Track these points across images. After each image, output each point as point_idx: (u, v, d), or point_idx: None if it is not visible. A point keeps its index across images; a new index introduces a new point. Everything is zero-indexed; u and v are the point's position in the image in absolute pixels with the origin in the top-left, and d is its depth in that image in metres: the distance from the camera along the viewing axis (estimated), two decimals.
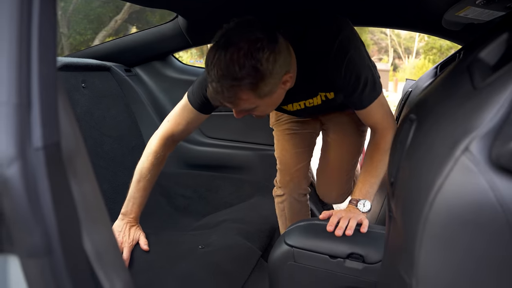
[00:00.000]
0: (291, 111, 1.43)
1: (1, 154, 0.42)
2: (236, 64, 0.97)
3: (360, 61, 1.20)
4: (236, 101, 1.05)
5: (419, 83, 1.83)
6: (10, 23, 0.46)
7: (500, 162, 0.44)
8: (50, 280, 0.46)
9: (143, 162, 1.32)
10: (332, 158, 1.66)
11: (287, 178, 1.63)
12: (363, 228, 1.14)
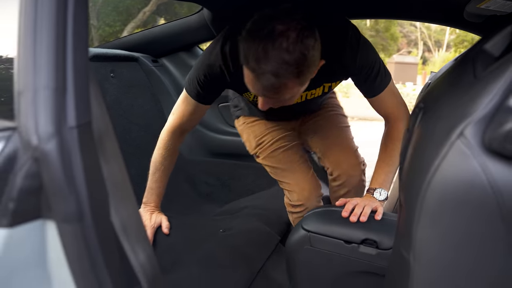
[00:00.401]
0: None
1: (41, 131, 0.48)
2: (287, 53, 0.95)
3: (371, 49, 1.23)
4: (282, 90, 1.02)
5: (438, 74, 1.83)
6: (49, 16, 0.52)
7: (492, 146, 0.47)
8: (81, 243, 0.52)
9: (155, 156, 1.37)
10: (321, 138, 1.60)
11: (306, 194, 1.48)
12: (377, 216, 1.17)
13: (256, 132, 1.57)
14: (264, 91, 1.03)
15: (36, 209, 0.51)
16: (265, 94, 1.05)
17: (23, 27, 0.52)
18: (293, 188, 1.50)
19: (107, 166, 0.63)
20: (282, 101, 1.12)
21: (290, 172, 1.52)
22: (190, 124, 1.39)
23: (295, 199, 1.49)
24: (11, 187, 0.49)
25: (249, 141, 1.59)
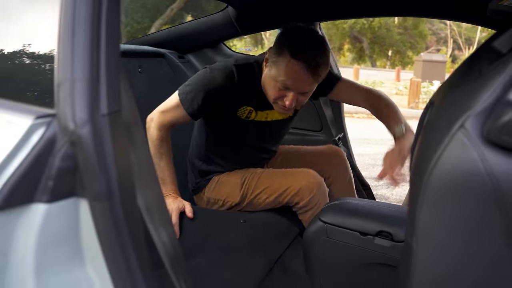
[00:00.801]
0: (252, 121, 1.52)
1: (77, 118, 0.54)
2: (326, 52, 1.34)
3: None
4: (318, 78, 1.33)
5: None
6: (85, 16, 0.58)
7: (490, 137, 0.51)
8: (109, 220, 0.57)
9: (151, 149, 1.44)
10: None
11: (311, 179, 1.49)
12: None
13: (235, 177, 1.60)
14: (310, 73, 1.29)
15: (71, 187, 0.57)
16: (304, 78, 1.31)
17: (63, 26, 0.58)
18: (297, 183, 1.48)
19: (134, 152, 0.69)
20: (305, 94, 1.39)
21: (284, 177, 1.53)
22: (177, 124, 1.49)
23: (306, 193, 1.46)
24: (50, 167, 0.55)
25: (231, 190, 1.58)
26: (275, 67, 1.34)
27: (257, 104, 1.49)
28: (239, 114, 1.50)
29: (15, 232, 0.56)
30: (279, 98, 1.39)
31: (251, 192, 1.55)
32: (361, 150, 5.01)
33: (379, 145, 5.36)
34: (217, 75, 1.42)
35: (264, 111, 1.52)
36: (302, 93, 1.37)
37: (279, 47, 1.33)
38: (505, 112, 0.50)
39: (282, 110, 1.44)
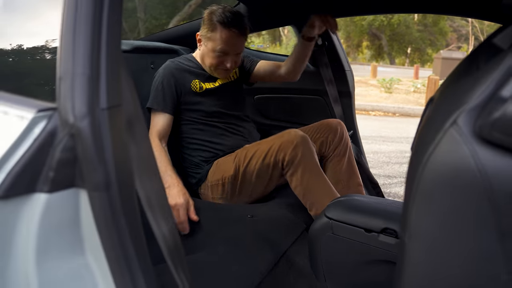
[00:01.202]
0: (205, 90, 1.77)
1: (77, 111, 0.56)
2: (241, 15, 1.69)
3: None
4: (246, 36, 1.69)
5: None
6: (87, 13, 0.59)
7: (482, 133, 0.51)
8: (108, 210, 0.59)
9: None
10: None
11: (292, 133, 1.56)
12: None
13: (229, 156, 1.70)
14: (238, 34, 1.65)
15: (71, 178, 0.59)
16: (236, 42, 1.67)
17: (65, 22, 0.60)
18: (279, 140, 1.54)
19: (136, 145, 0.70)
20: (239, 54, 1.73)
21: (268, 140, 1.61)
22: (165, 127, 1.71)
23: (288, 146, 1.50)
24: (51, 158, 0.57)
25: (226, 167, 1.67)
26: (211, 41, 1.68)
27: (200, 77, 1.79)
28: (193, 88, 1.76)
29: (18, 220, 0.59)
30: (219, 65, 1.71)
31: (243, 162, 1.61)
32: (377, 148, 4.97)
33: (395, 143, 5.31)
34: (160, 73, 1.76)
35: (210, 82, 1.80)
36: (237, 54, 1.72)
37: (210, 25, 1.67)
38: (497, 108, 0.50)
39: (223, 74, 1.78)
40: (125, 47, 1.87)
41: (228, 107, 1.82)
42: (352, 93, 2.11)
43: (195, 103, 1.76)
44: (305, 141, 1.51)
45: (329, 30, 1.74)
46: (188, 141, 1.79)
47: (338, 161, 1.79)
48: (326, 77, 2.04)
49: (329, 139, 1.78)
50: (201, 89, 1.78)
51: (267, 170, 1.57)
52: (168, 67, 1.77)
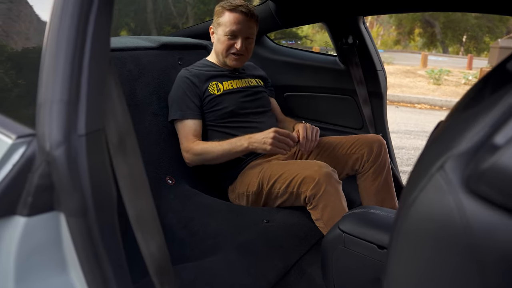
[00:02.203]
0: (223, 93, 1.77)
1: (52, 139, 0.57)
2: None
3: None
4: (254, 19, 1.72)
5: None
6: (68, 35, 0.59)
7: (469, 184, 0.46)
8: (85, 235, 0.60)
9: (199, 149, 1.67)
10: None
11: (316, 168, 1.50)
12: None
13: (256, 168, 1.70)
14: (245, 15, 1.68)
15: (50, 203, 0.60)
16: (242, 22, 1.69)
17: (48, 49, 0.60)
18: (303, 172, 1.49)
19: (127, 162, 0.70)
20: (250, 39, 1.75)
21: (294, 166, 1.57)
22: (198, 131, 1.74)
23: (310, 181, 1.45)
24: (29, 184, 0.58)
25: (251, 180, 1.67)
26: (220, 27, 1.73)
27: (218, 78, 1.80)
28: (211, 90, 1.76)
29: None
30: (230, 48, 1.74)
31: (267, 181, 1.59)
32: (419, 143, 4.78)
33: None
34: (178, 83, 1.78)
35: (228, 81, 1.81)
36: (247, 37, 1.73)
37: (219, 13, 1.74)
38: (487, 158, 0.45)
39: (235, 60, 1.77)
40: (151, 44, 1.89)
41: (249, 106, 1.81)
42: (384, 94, 2.02)
43: (215, 105, 1.77)
44: (328, 177, 1.45)
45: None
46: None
47: (373, 180, 1.71)
48: (356, 77, 1.97)
49: (365, 156, 1.70)
50: (219, 91, 1.77)
51: (289, 198, 1.55)
52: (182, 76, 1.79)
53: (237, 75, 1.85)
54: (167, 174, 1.73)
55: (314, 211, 1.49)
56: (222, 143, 1.62)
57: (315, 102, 2.23)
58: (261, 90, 1.90)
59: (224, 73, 1.82)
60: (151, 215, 0.75)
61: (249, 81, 1.89)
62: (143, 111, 1.74)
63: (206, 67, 1.83)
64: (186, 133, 1.71)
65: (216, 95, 1.76)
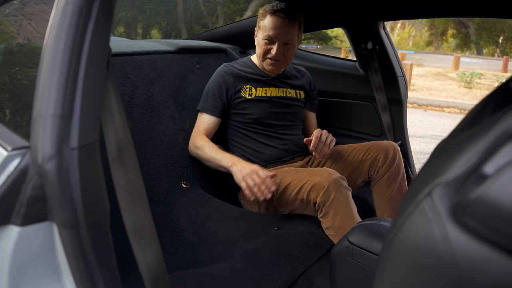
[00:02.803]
0: (255, 98, 1.77)
1: (44, 153, 0.58)
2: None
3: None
4: (294, 25, 1.68)
5: None
6: (64, 48, 0.60)
7: (455, 214, 0.44)
8: (76, 246, 0.61)
9: (201, 156, 1.70)
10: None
11: (326, 175, 1.48)
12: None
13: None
14: (283, 19, 1.65)
15: (43, 213, 0.61)
16: (283, 28, 1.66)
17: (44, 64, 0.61)
18: (312, 179, 1.48)
19: (125, 173, 0.71)
20: (288, 45, 1.70)
21: (304, 173, 1.55)
22: (210, 128, 1.76)
23: (319, 188, 1.43)
24: (23, 195, 0.60)
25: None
26: (261, 30, 1.71)
27: (254, 82, 1.79)
28: (243, 93, 1.77)
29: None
30: (267, 53, 1.72)
31: (278, 188, 1.57)
32: None
33: None
34: (213, 78, 1.80)
35: (263, 88, 1.79)
36: (285, 43, 1.69)
37: (262, 16, 1.72)
38: (474, 188, 0.43)
39: (271, 65, 1.74)
40: (169, 48, 1.90)
41: (276, 118, 1.80)
42: (404, 101, 1.98)
43: (242, 108, 1.77)
44: (337, 184, 1.43)
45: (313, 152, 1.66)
46: (232, 144, 1.82)
47: (387, 186, 1.68)
48: (375, 83, 1.94)
49: (379, 162, 1.68)
50: (251, 95, 1.77)
51: (300, 205, 1.54)
52: (220, 71, 1.80)
53: (275, 83, 1.83)
54: (182, 178, 1.75)
55: (325, 219, 1.47)
56: (218, 150, 1.62)
57: (334, 108, 2.20)
58: (296, 103, 1.87)
59: (261, 79, 1.81)
60: (148, 226, 0.76)
61: (287, 91, 1.85)
62: (160, 115, 1.75)
63: (247, 68, 1.83)
64: (199, 125, 1.76)
65: (246, 99, 1.76)
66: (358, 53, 1.98)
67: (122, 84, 1.63)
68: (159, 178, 1.67)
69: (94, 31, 0.63)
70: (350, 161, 1.75)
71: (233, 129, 1.81)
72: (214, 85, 1.77)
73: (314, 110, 2.02)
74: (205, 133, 1.73)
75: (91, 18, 0.63)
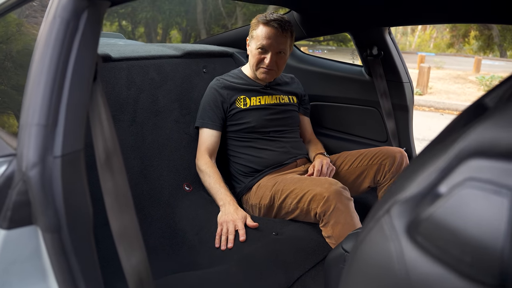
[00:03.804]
0: (250, 108, 1.80)
1: (28, 160, 0.61)
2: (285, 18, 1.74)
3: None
4: (287, 34, 1.70)
5: None
6: (51, 59, 0.63)
7: (410, 232, 0.44)
8: (58, 249, 0.64)
9: (204, 180, 1.72)
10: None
11: (326, 185, 1.49)
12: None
13: (270, 181, 1.72)
14: (276, 29, 1.68)
15: (28, 217, 0.64)
16: (276, 35, 1.69)
17: (32, 75, 0.64)
18: (314, 189, 1.50)
19: (113, 179, 0.74)
20: (281, 54, 1.73)
21: (306, 183, 1.57)
22: (213, 144, 1.79)
23: (320, 198, 1.45)
24: (9, 199, 0.63)
25: (264, 192, 1.70)
26: (254, 40, 1.75)
27: (247, 92, 1.83)
28: (238, 104, 1.81)
29: None
30: (260, 62, 1.75)
31: (279, 196, 1.61)
32: None
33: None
34: (207, 93, 1.85)
35: (257, 97, 1.83)
36: (278, 52, 1.73)
37: (254, 26, 1.76)
38: (427, 207, 0.44)
39: (264, 74, 1.77)
40: (176, 52, 1.93)
41: (273, 124, 1.83)
42: (410, 107, 1.97)
43: (238, 118, 1.80)
44: (338, 195, 1.44)
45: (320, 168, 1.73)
46: (231, 153, 1.86)
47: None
48: (379, 89, 1.94)
49: (386, 167, 1.70)
50: (245, 105, 1.81)
51: (300, 214, 1.57)
52: (213, 86, 1.84)
53: (268, 91, 1.86)
54: (185, 181, 1.77)
55: (325, 228, 1.48)
56: (216, 182, 1.67)
57: (339, 113, 2.20)
58: (291, 108, 1.91)
59: (254, 88, 1.84)
60: (133, 231, 0.79)
61: (280, 97, 1.89)
62: (165, 118, 1.79)
63: (238, 79, 1.86)
64: (200, 144, 1.79)
65: (241, 109, 1.80)
66: (363, 59, 1.98)
67: (127, 88, 1.66)
68: (162, 180, 1.71)
69: (81, 43, 0.66)
70: (356, 166, 1.77)
71: (231, 139, 1.84)
72: (209, 100, 1.81)
73: (308, 114, 2.07)
74: (209, 152, 1.76)
75: (78, 30, 0.66)
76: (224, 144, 1.86)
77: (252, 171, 1.78)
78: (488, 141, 0.43)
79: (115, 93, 1.63)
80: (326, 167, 1.70)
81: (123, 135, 1.63)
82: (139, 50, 1.84)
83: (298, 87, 2.01)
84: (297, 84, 2.02)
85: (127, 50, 1.80)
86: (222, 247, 1.45)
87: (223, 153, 1.87)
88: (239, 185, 1.82)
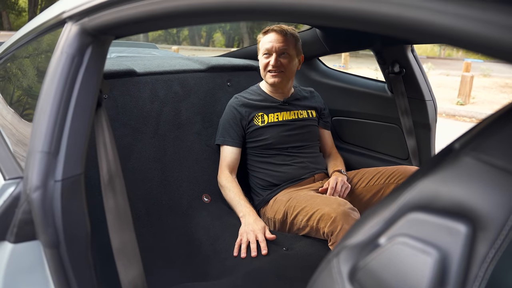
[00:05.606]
0: (268, 125, 1.84)
1: (31, 184, 0.68)
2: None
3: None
4: (286, 35, 1.78)
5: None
6: (55, 94, 0.70)
7: (353, 277, 0.47)
8: (58, 264, 0.71)
9: (226, 195, 1.79)
10: None
11: (334, 206, 1.51)
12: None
13: (286, 195, 1.75)
14: (275, 32, 1.79)
15: (32, 233, 0.72)
16: (277, 40, 1.78)
17: (40, 105, 0.72)
18: (323, 208, 1.52)
19: (115, 198, 0.81)
20: (284, 55, 1.78)
21: (317, 201, 1.59)
22: (233, 160, 1.85)
23: (327, 218, 1.48)
24: (16, 217, 0.71)
25: (278, 207, 1.73)
26: (260, 51, 1.84)
27: (265, 109, 1.87)
28: (256, 121, 1.85)
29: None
30: (266, 66, 1.81)
31: (291, 212, 1.64)
32: None
33: None
34: (226, 111, 1.90)
35: (274, 114, 1.87)
36: (281, 53, 1.78)
37: (258, 40, 1.88)
38: (365, 256, 0.46)
39: (272, 76, 1.81)
40: (200, 67, 2.00)
41: (291, 140, 1.86)
42: (432, 126, 1.94)
43: (257, 135, 1.85)
44: (345, 216, 1.46)
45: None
46: (251, 168, 1.91)
47: None
48: (401, 106, 1.92)
49: None
50: (263, 123, 1.85)
51: (310, 231, 1.60)
52: (232, 104, 1.90)
53: (286, 107, 1.90)
54: (204, 192, 1.83)
55: (333, 247, 1.50)
56: (236, 195, 1.73)
57: (361, 128, 2.20)
58: (310, 123, 1.94)
59: (272, 105, 1.88)
60: (132, 246, 0.85)
61: (299, 113, 1.92)
62: (187, 131, 1.85)
63: (256, 96, 1.91)
64: (221, 161, 1.85)
65: (259, 126, 1.84)
66: (385, 76, 1.98)
67: (150, 102, 1.75)
68: (181, 191, 1.77)
69: (84, 75, 0.73)
70: (373, 184, 1.78)
71: (250, 154, 1.90)
72: (228, 119, 1.86)
73: (328, 127, 2.08)
74: (229, 168, 1.82)
75: (82, 64, 0.73)
76: (244, 158, 1.92)
77: (269, 185, 1.82)
78: (429, 195, 0.45)
79: (138, 106, 1.71)
80: (341, 185, 1.72)
81: (145, 147, 1.71)
82: (164, 64, 1.92)
83: (318, 100, 2.04)
84: (316, 98, 2.04)
85: (153, 64, 1.88)
86: (242, 255, 1.49)
87: (243, 167, 1.92)
88: (257, 198, 1.86)
